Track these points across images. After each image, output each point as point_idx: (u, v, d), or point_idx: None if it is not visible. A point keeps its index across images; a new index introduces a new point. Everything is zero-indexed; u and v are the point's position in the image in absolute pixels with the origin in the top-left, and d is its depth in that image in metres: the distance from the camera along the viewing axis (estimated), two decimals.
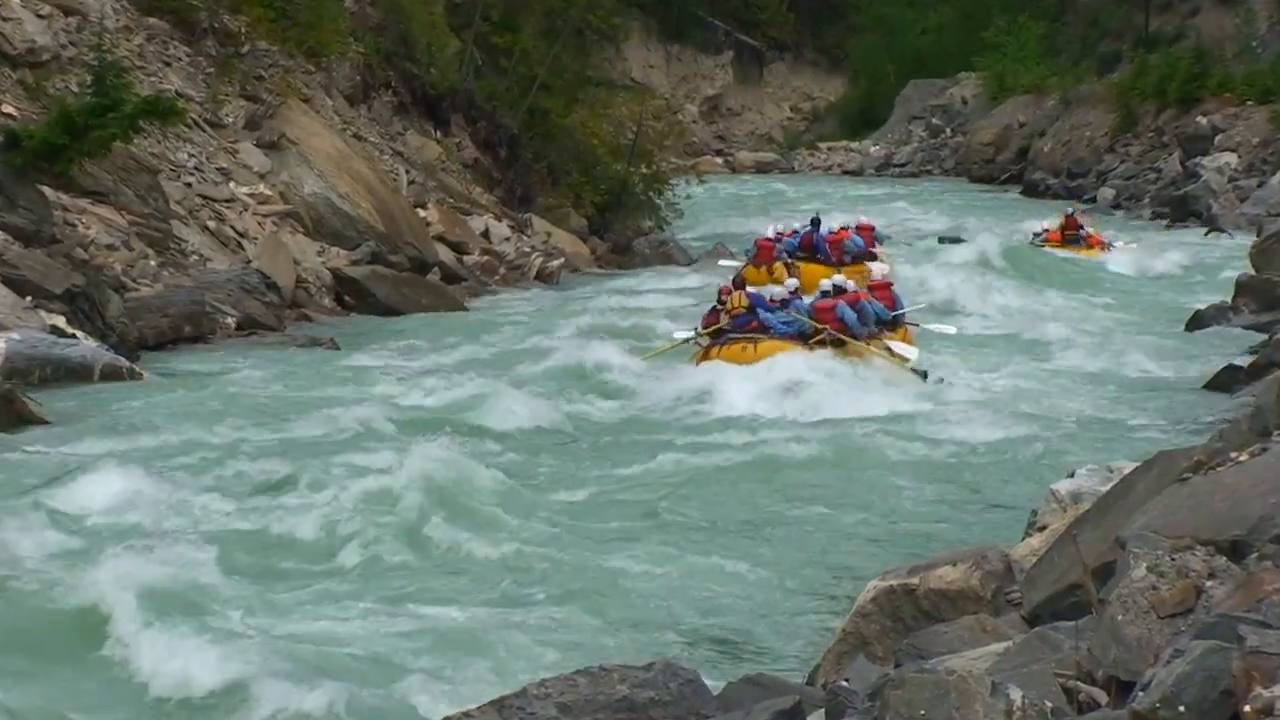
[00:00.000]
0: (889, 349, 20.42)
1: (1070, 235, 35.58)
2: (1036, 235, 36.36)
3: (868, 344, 20.28)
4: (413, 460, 15.29)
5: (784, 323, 20.37)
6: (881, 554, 12.36)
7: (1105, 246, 34.98)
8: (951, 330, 22.56)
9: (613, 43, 52.08)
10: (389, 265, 28.64)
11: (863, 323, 20.51)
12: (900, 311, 21.88)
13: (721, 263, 31.55)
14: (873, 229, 30.71)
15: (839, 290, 20.88)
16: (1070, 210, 37.72)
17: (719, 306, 20.68)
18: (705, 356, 20.17)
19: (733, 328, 20.25)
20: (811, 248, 29.92)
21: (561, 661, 9.41)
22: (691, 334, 21.07)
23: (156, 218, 24.80)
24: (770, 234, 30.39)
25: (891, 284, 22.50)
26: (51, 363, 18.63)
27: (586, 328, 24.65)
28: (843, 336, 20.05)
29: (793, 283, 21.96)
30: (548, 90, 38.28)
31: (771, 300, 20.83)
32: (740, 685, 7.15)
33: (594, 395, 19.36)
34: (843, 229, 30.82)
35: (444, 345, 23.17)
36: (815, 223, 30.74)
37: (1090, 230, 36.20)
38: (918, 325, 22.30)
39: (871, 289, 21.83)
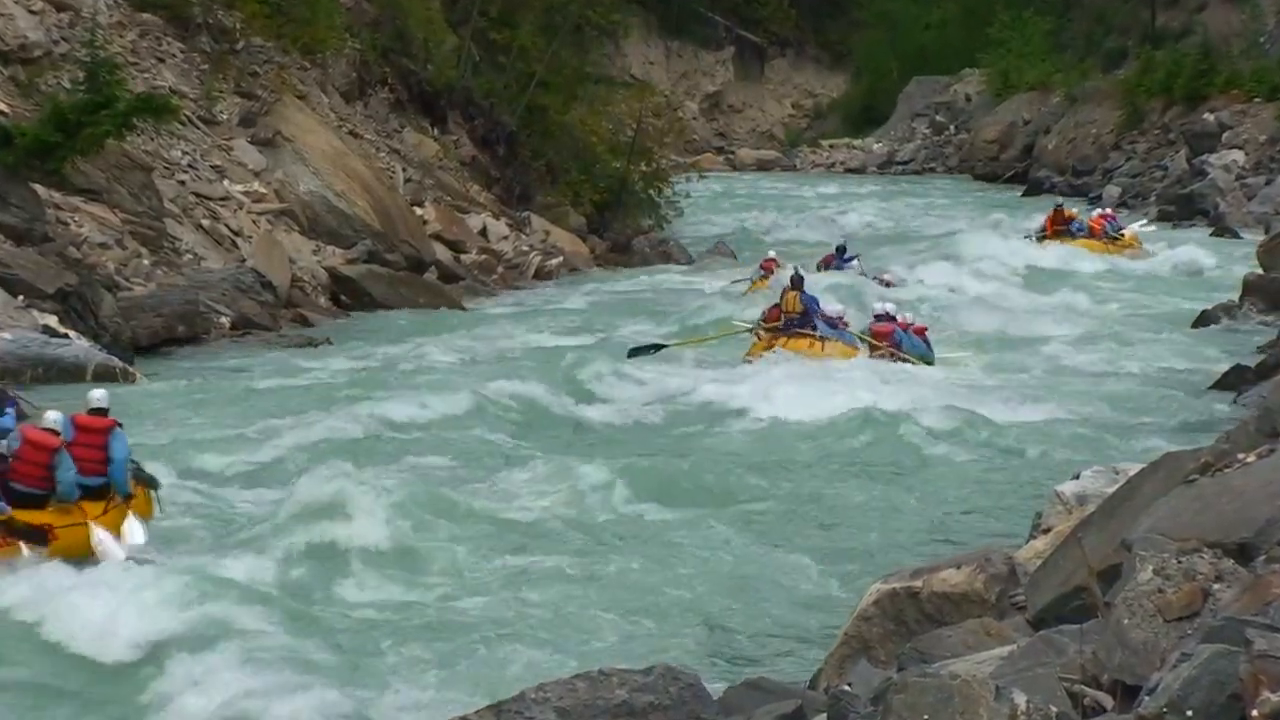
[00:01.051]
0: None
1: (1061, 230, 35.60)
2: (1038, 232, 36.41)
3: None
4: (407, 462, 15.31)
5: (837, 332, 20.81)
6: (884, 556, 12.35)
7: (1111, 238, 34.96)
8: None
9: (612, 39, 52.04)
10: (385, 264, 28.65)
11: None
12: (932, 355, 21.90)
13: (733, 281, 31.31)
14: (890, 283, 30.38)
15: (890, 317, 21.28)
16: (1059, 203, 37.65)
17: (774, 306, 21.11)
18: (767, 347, 20.48)
19: (785, 326, 20.62)
20: (829, 269, 29.67)
21: (560, 665, 9.41)
22: (752, 325, 21.25)
23: (150, 216, 24.80)
24: (772, 253, 30.33)
25: (926, 328, 22.48)
26: (44, 363, 18.63)
27: (586, 326, 24.67)
28: (901, 356, 20.56)
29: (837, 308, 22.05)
30: (546, 87, 38.30)
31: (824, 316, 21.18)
32: (741, 690, 7.14)
33: (592, 395, 19.34)
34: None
35: (441, 345, 23.16)
36: (841, 250, 30.61)
37: (1092, 216, 36.24)
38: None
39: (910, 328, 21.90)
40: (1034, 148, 61.35)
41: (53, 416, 12.33)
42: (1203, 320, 25.32)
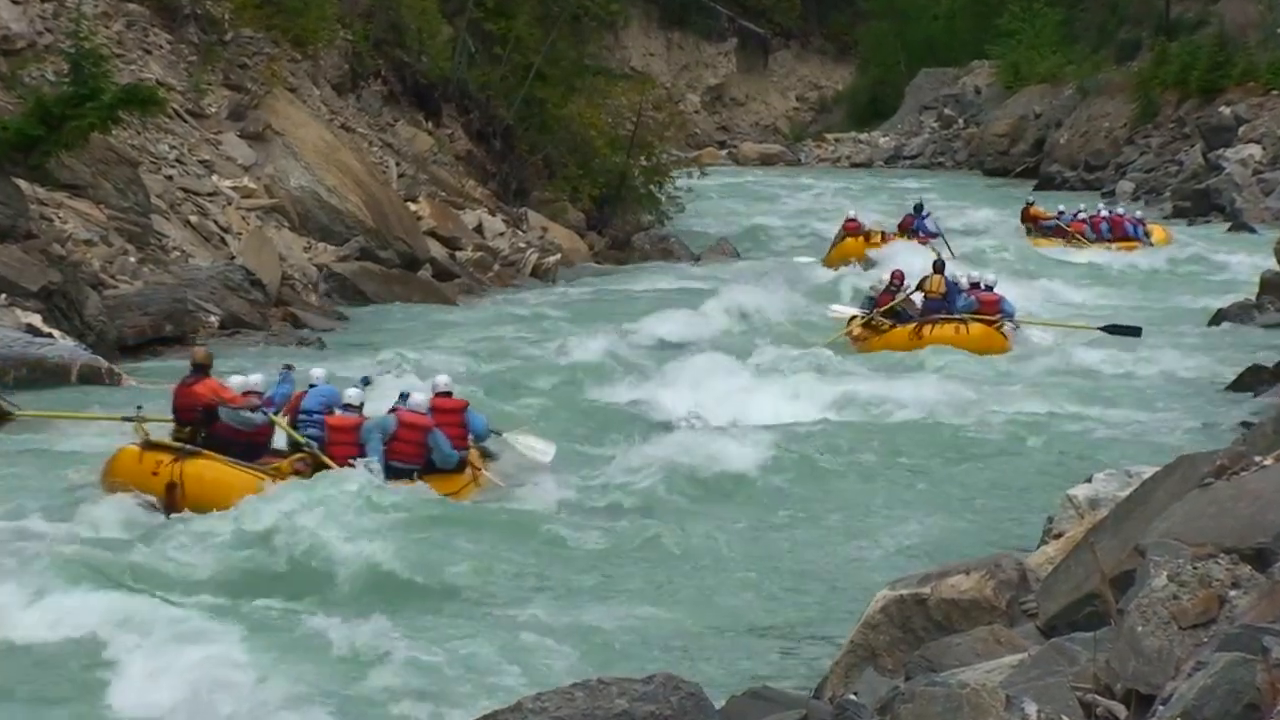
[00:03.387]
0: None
1: (1030, 227, 36.15)
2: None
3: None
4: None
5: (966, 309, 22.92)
6: (891, 562, 12.36)
7: (1089, 240, 35.34)
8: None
9: (611, 29, 52.13)
10: (378, 261, 28.65)
11: None
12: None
13: (800, 260, 33.84)
14: (921, 208, 33.44)
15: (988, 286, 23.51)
16: (1029, 200, 38.11)
17: (891, 290, 22.94)
18: (916, 335, 22.24)
19: (924, 311, 22.77)
20: (910, 230, 32.48)
21: (558, 674, 9.40)
22: (865, 312, 23.02)
23: (136, 212, 24.79)
24: (852, 214, 33.04)
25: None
26: (27, 363, 18.61)
27: (586, 325, 24.66)
28: (1019, 321, 23.28)
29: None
30: (543, 79, 38.29)
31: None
32: (744, 699, 7.14)
33: (590, 397, 19.35)
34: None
35: (435, 345, 23.15)
36: (918, 208, 33.71)
37: (1079, 216, 36.58)
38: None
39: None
40: (1045, 142, 61.37)
41: (419, 399, 14.43)
42: (1219, 319, 25.35)
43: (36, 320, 19.94)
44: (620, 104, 40.91)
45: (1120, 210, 38.03)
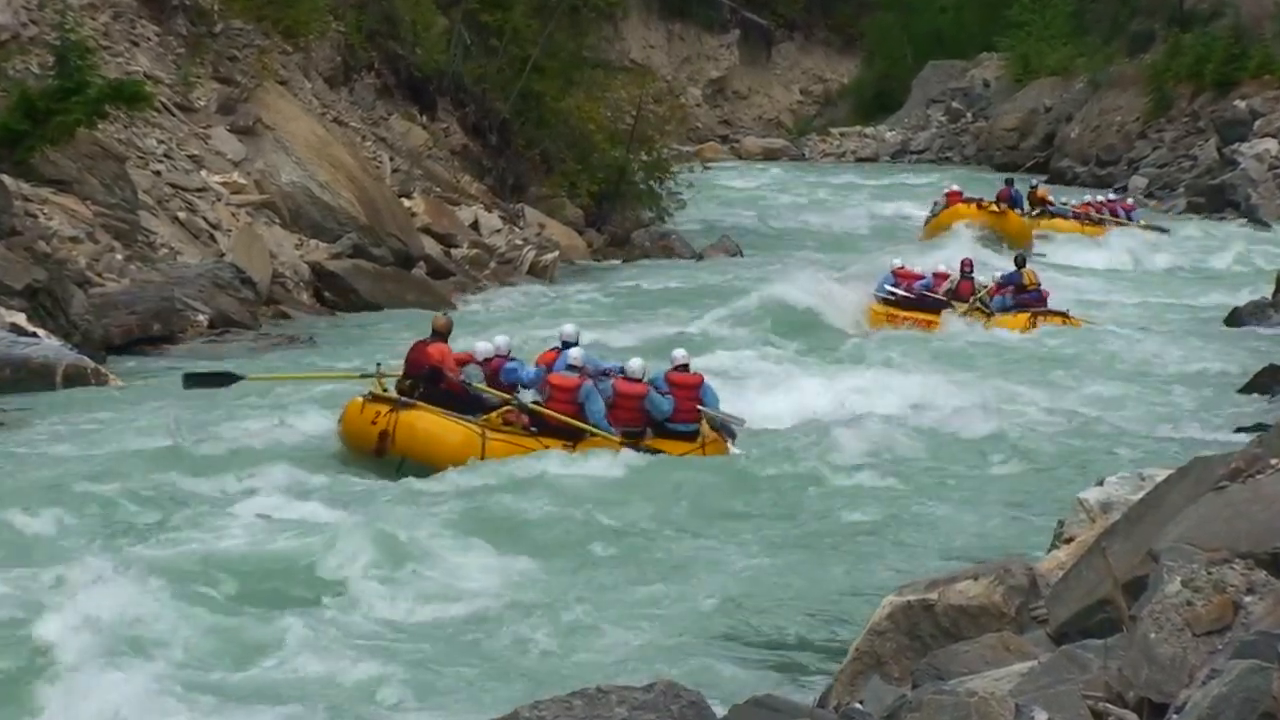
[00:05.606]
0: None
1: (1039, 209, 37.37)
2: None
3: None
4: (393, 467, 15.28)
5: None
6: (898, 567, 12.36)
7: (1095, 222, 36.03)
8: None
9: (610, 21, 52.13)
10: (371, 259, 28.66)
11: None
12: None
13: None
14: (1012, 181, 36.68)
15: None
16: (1034, 183, 39.38)
17: (967, 276, 24.98)
18: (1031, 323, 23.74)
19: (1016, 302, 24.52)
20: (1009, 200, 35.55)
21: (556, 682, 9.41)
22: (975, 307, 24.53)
23: (123, 208, 24.79)
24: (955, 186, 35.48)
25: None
26: (11, 363, 18.62)
27: (587, 324, 24.63)
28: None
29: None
30: (541, 72, 38.27)
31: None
32: (747, 708, 7.13)
33: None
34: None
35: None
36: (1009, 181, 37.14)
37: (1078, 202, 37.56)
38: None
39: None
40: (1055, 136, 61.38)
41: (636, 365, 16.04)
42: (1234, 318, 25.37)
43: (21, 319, 19.94)
44: (620, 98, 40.89)
45: (1112, 196, 39.23)
